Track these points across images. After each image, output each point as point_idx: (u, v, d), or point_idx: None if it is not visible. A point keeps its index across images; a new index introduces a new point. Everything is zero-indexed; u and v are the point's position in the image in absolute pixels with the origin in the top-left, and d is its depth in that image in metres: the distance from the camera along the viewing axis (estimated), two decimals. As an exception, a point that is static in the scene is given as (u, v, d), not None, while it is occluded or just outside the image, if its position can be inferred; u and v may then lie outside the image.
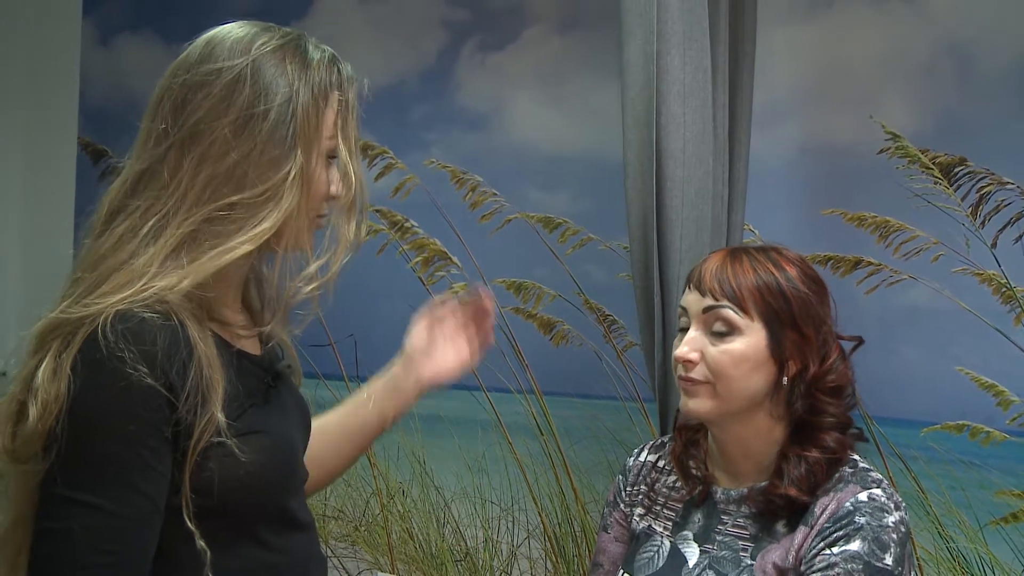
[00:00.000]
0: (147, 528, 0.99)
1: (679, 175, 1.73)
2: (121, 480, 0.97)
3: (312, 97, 1.10)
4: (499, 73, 2.73)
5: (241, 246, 1.05)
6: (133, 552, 0.98)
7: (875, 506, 1.25)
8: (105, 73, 3.45)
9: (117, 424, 0.97)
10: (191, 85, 1.11)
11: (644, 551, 1.43)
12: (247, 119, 1.07)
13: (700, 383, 1.32)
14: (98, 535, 0.96)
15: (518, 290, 2.66)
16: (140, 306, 1.00)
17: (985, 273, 2.00)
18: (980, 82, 2.03)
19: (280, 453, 1.11)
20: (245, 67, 1.10)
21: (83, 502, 0.96)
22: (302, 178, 1.09)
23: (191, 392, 0.99)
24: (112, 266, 1.03)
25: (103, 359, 0.96)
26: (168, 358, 0.99)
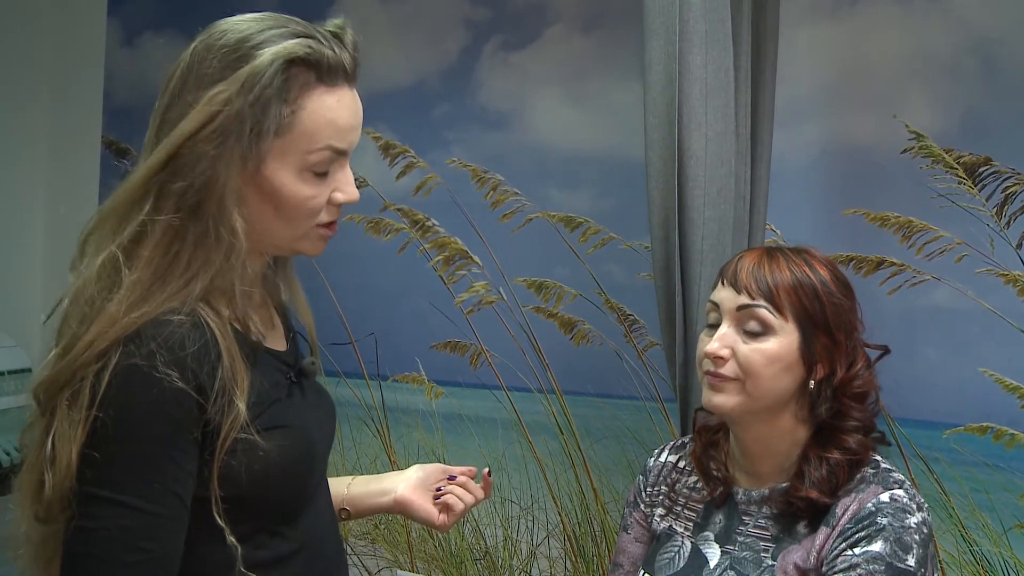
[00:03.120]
0: (178, 526, 1.01)
1: (701, 175, 1.72)
2: (154, 480, 0.99)
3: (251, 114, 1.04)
4: (521, 72, 2.74)
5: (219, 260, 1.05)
6: (166, 549, 1.00)
7: (897, 507, 1.25)
8: (129, 72, 3.47)
9: (150, 427, 0.98)
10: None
11: (665, 551, 1.42)
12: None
13: (728, 379, 1.31)
14: (133, 534, 0.97)
15: (539, 289, 2.66)
16: (167, 312, 1.01)
17: (1010, 274, 1.99)
18: (1005, 81, 2.02)
19: (300, 447, 1.12)
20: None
21: (118, 501, 0.98)
22: (246, 193, 1.07)
23: (219, 393, 1.01)
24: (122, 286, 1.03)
25: (135, 365, 0.98)
26: (198, 361, 1.00)
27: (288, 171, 1.07)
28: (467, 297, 2.69)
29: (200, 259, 1.04)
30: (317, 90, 1.07)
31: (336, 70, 1.09)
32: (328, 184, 1.10)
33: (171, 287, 1.03)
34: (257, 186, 1.07)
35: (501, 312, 2.66)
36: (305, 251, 1.14)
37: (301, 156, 1.07)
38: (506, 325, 2.64)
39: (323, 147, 1.07)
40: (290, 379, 1.16)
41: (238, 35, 1.05)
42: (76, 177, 3.51)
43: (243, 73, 1.02)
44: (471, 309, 2.67)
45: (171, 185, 1.04)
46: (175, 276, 1.03)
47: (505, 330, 2.63)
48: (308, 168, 1.07)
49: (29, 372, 3.19)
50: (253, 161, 1.04)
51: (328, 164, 1.09)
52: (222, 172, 1.03)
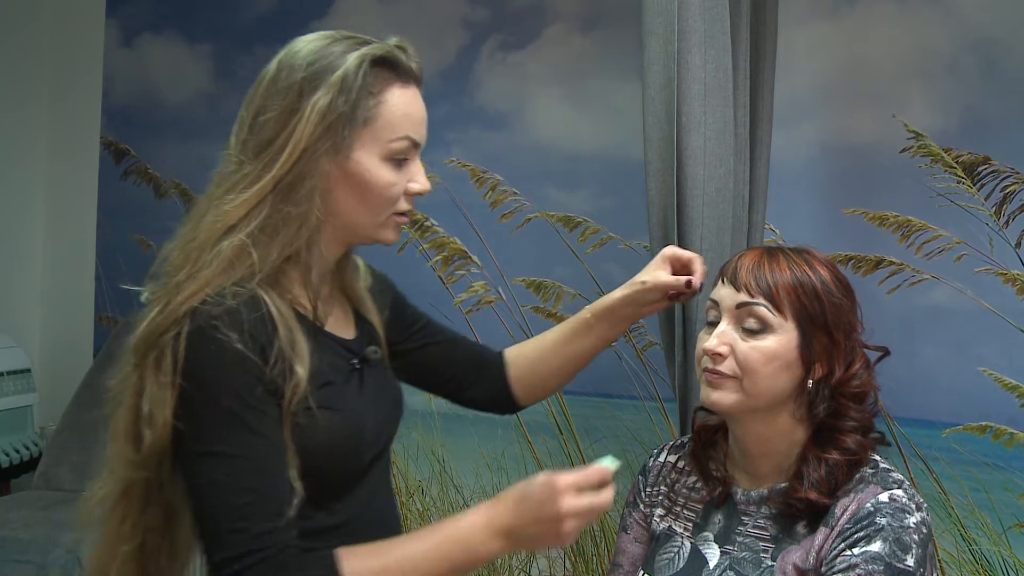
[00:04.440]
0: (275, 464, 1.13)
1: (700, 174, 1.72)
2: (242, 428, 1.11)
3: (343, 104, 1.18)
4: (520, 72, 2.74)
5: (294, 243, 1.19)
6: (271, 485, 1.12)
7: (896, 507, 1.25)
8: (128, 73, 3.47)
9: (225, 384, 1.11)
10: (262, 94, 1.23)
11: (664, 552, 1.42)
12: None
13: (727, 377, 1.31)
14: (238, 477, 1.10)
15: (538, 289, 2.66)
16: (233, 287, 1.14)
17: (1009, 273, 1.99)
18: (1004, 80, 2.02)
19: (348, 430, 1.21)
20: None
21: (218, 453, 1.10)
22: (334, 182, 1.20)
23: (277, 358, 1.13)
24: (197, 263, 1.16)
25: (202, 335, 1.11)
26: (254, 329, 1.13)
27: (373, 157, 1.20)
28: (466, 297, 2.69)
29: (282, 236, 1.17)
30: (395, 85, 1.22)
31: (408, 72, 1.23)
32: (405, 174, 1.23)
33: (248, 266, 1.16)
34: (345, 174, 1.20)
35: (500, 312, 2.66)
36: (384, 239, 1.26)
37: (384, 144, 1.20)
38: (505, 325, 2.64)
39: (402, 136, 1.21)
40: (353, 365, 1.27)
41: (321, 48, 1.20)
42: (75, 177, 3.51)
43: (337, 77, 1.17)
44: (470, 309, 2.68)
45: (285, 183, 1.18)
46: (256, 248, 1.16)
47: (504, 330, 2.63)
48: (390, 156, 1.21)
49: (28, 372, 3.19)
50: (344, 150, 1.18)
51: (406, 154, 1.22)
52: (319, 165, 1.18)
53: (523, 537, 1.12)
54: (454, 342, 1.55)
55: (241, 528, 1.09)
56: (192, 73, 3.36)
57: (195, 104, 3.37)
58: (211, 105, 3.36)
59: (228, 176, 1.21)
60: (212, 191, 1.22)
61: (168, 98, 3.40)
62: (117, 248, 3.53)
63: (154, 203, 3.46)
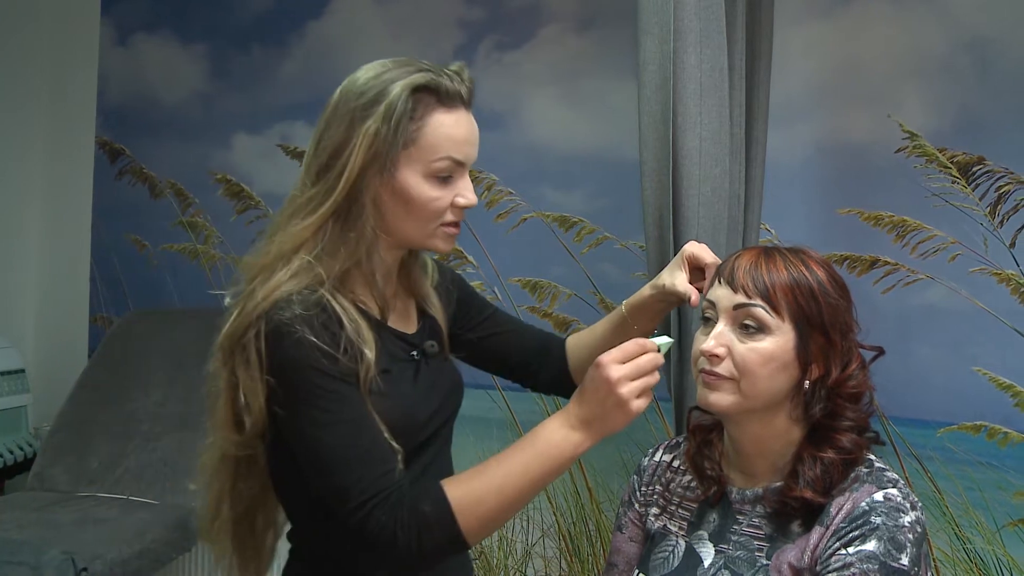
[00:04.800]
0: (371, 422, 1.28)
1: (695, 174, 1.72)
2: (334, 399, 1.26)
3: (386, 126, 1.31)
4: (515, 72, 2.74)
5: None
6: (374, 439, 1.27)
7: (891, 506, 1.25)
8: (123, 73, 3.47)
9: (308, 366, 1.25)
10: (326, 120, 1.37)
11: (659, 551, 1.42)
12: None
13: (724, 378, 1.31)
14: (345, 438, 1.26)
15: (534, 289, 2.66)
16: (302, 290, 1.29)
17: (1003, 273, 1.99)
18: (999, 80, 2.02)
19: (396, 414, 1.32)
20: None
21: (320, 423, 1.26)
22: (385, 199, 1.33)
23: (347, 346, 1.28)
24: (270, 268, 1.32)
25: (278, 332, 1.25)
26: (321, 323, 1.27)
27: (416, 176, 1.32)
28: (462, 297, 2.68)
29: (343, 252, 1.32)
30: (438, 111, 1.33)
31: (454, 96, 1.34)
32: (451, 189, 1.35)
33: (315, 272, 1.30)
34: (392, 190, 1.32)
35: (496, 312, 2.66)
36: (435, 247, 1.39)
37: (426, 164, 1.32)
38: (501, 325, 2.63)
39: (443, 156, 1.33)
40: (412, 356, 1.41)
41: (372, 78, 1.33)
42: (70, 177, 3.50)
43: (383, 106, 1.30)
44: (466, 309, 2.67)
45: (343, 208, 1.32)
46: (323, 257, 1.31)
47: (500, 330, 2.63)
48: (432, 174, 1.33)
49: (22, 373, 3.18)
50: (389, 170, 1.31)
51: (449, 171, 1.34)
52: (371, 187, 1.32)
53: (595, 420, 1.25)
54: (519, 331, 1.68)
55: (358, 477, 1.24)
56: (187, 73, 3.36)
57: (190, 104, 3.36)
58: (206, 105, 3.36)
59: (296, 198, 1.35)
60: (284, 209, 1.36)
61: (163, 98, 3.40)
62: (112, 248, 3.52)
63: (149, 203, 3.45)
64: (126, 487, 2.73)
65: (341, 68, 3.04)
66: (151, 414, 2.89)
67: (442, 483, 1.26)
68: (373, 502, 1.23)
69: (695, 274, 1.49)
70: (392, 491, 1.25)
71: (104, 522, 2.48)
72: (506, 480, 1.25)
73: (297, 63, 3.16)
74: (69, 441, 2.88)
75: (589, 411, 1.25)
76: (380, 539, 1.24)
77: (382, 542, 1.24)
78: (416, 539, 1.23)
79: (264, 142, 3.24)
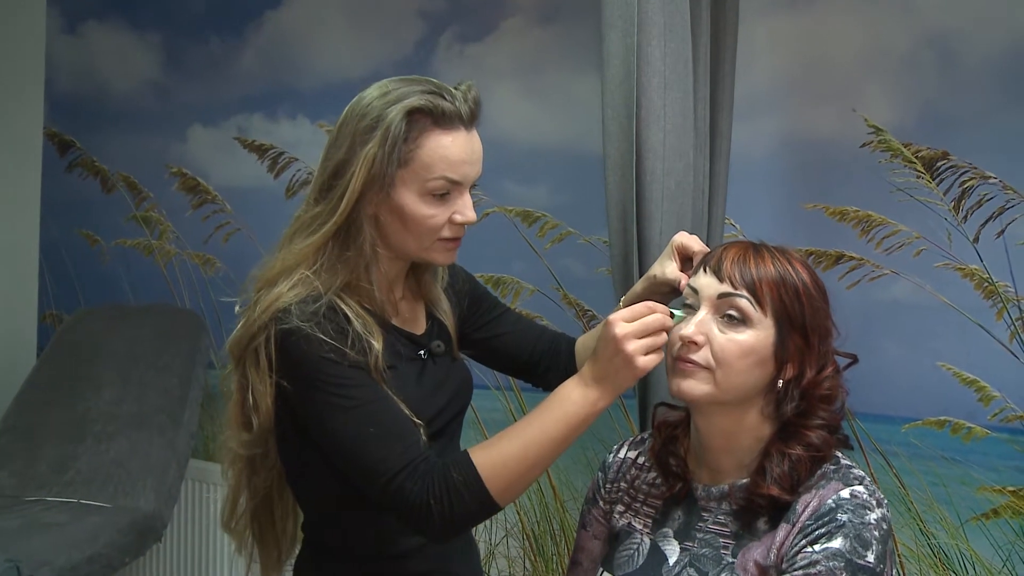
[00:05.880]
0: (389, 402, 1.37)
1: (659, 168, 1.73)
2: (348, 386, 1.34)
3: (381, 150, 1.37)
4: (477, 64, 2.73)
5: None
6: (395, 417, 1.36)
7: (857, 503, 1.26)
8: (72, 61, 3.41)
9: (318, 361, 1.34)
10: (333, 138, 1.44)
11: (624, 549, 1.43)
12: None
13: (700, 367, 1.32)
14: (365, 420, 1.34)
15: (496, 285, 2.66)
16: (309, 295, 1.37)
17: (967, 268, 2.01)
18: (963, 75, 2.04)
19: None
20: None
21: (338, 411, 1.34)
22: (383, 216, 1.41)
23: (355, 339, 1.36)
24: (273, 282, 1.41)
25: (287, 333, 1.34)
26: (328, 320, 1.35)
27: (412, 194, 1.39)
28: (423, 293, 2.67)
29: (343, 263, 1.41)
30: (434, 132, 1.38)
31: (452, 116, 1.39)
32: (448, 207, 1.41)
33: (317, 281, 1.38)
34: (390, 208, 1.40)
35: (458, 308, 2.65)
36: (435, 260, 1.48)
37: (421, 183, 1.39)
38: (463, 321, 2.63)
39: (438, 176, 1.39)
40: (419, 356, 1.50)
41: (374, 100, 1.39)
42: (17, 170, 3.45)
43: (380, 129, 1.36)
44: (427, 305, 2.66)
45: (343, 229, 1.41)
46: (322, 273, 1.39)
47: (462, 326, 2.62)
48: (428, 192, 1.39)
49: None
50: (387, 189, 1.38)
51: (445, 190, 1.40)
52: (371, 205, 1.40)
53: (607, 377, 1.30)
54: (528, 331, 1.74)
55: (384, 456, 1.31)
56: (140, 62, 3.32)
57: (144, 95, 3.32)
58: (161, 96, 3.32)
59: (300, 216, 1.44)
60: (291, 224, 1.45)
61: (115, 88, 3.35)
62: (62, 243, 3.47)
63: (101, 197, 3.41)
64: (77, 490, 2.69)
65: (300, 59, 3.03)
66: (104, 414, 2.86)
67: (467, 450, 1.32)
68: (403, 475, 1.30)
69: (685, 264, 1.50)
70: (420, 462, 1.31)
71: (53, 527, 2.44)
72: (529, 441, 1.31)
73: (255, 54, 3.13)
74: (16, 444, 2.84)
75: (601, 369, 1.31)
76: (415, 511, 1.30)
77: (417, 513, 1.30)
78: (448, 507, 1.29)
79: (221, 135, 3.21)
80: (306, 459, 1.45)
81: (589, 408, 1.31)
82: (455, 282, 1.66)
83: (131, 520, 2.55)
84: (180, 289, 3.23)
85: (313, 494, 1.50)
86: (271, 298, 1.38)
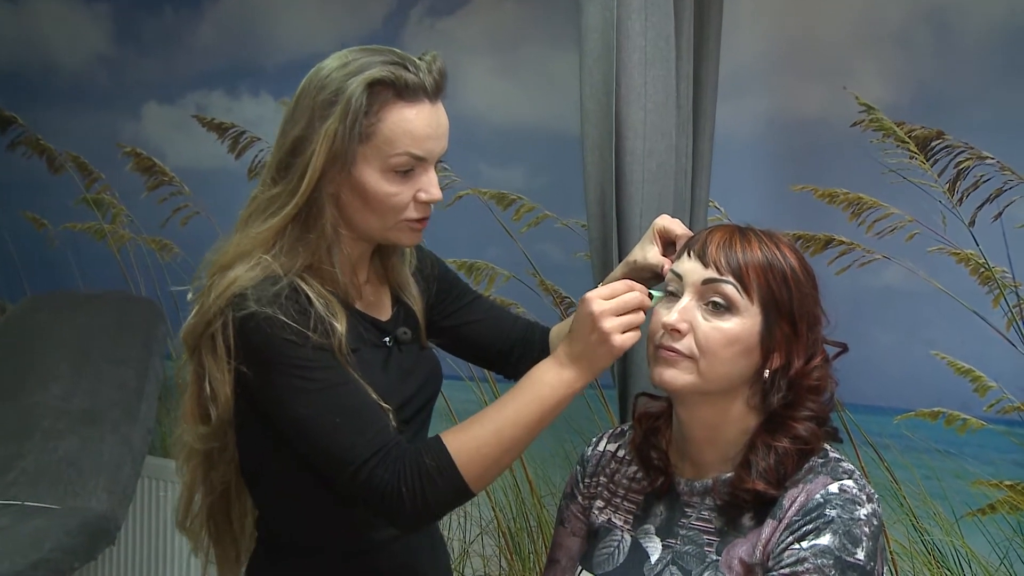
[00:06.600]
0: (355, 385, 1.36)
1: (640, 148, 1.73)
2: (311, 370, 1.33)
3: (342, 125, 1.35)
4: (449, 39, 2.72)
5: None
6: (362, 401, 1.35)
7: (846, 498, 1.27)
8: (13, 33, 3.37)
9: (279, 345, 1.32)
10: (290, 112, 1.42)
11: (603, 546, 1.43)
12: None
13: (683, 356, 1.32)
14: (331, 405, 1.33)
15: (470, 271, 2.66)
16: (267, 278, 1.36)
17: (962, 252, 2.03)
18: (958, 51, 2.05)
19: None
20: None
21: (303, 396, 1.33)
22: (344, 195, 1.39)
23: (317, 321, 1.34)
24: (228, 266, 1.39)
25: (246, 318, 1.32)
26: (289, 301, 1.34)
27: (374, 171, 1.37)
28: (392, 280, 2.67)
29: (304, 245, 1.39)
30: (396, 105, 1.37)
31: (416, 89, 1.37)
32: (412, 184, 1.40)
33: (276, 265, 1.37)
34: (351, 186, 1.38)
35: (429, 296, 2.65)
36: (399, 242, 1.47)
37: (384, 159, 1.37)
38: (435, 310, 2.62)
39: (402, 152, 1.37)
40: (384, 343, 1.49)
41: (332, 73, 1.37)
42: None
43: (341, 104, 1.34)
44: (397, 293, 2.66)
45: (304, 211, 1.39)
46: (281, 256, 1.38)
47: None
48: (390, 169, 1.38)
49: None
50: (348, 166, 1.36)
51: (409, 167, 1.38)
52: (332, 185, 1.38)
53: (582, 356, 1.32)
54: (501, 319, 1.74)
55: (352, 442, 1.31)
56: (89, 35, 3.29)
57: (93, 69, 3.29)
58: (112, 71, 3.29)
59: (257, 196, 1.42)
60: (247, 205, 1.43)
61: (62, 62, 3.32)
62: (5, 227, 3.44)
63: (48, 178, 3.38)
64: (20, 492, 2.67)
65: (263, 32, 3.01)
66: (52, 409, 2.83)
67: (440, 435, 1.32)
68: (373, 461, 1.30)
69: (667, 248, 1.50)
70: (391, 447, 1.31)
71: (-8, 532, 2.42)
72: (503, 424, 1.31)
73: (214, 26, 3.10)
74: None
75: (577, 348, 1.32)
76: (386, 498, 1.30)
77: (388, 501, 1.30)
78: (421, 493, 1.29)
79: (178, 112, 3.19)
80: (266, 450, 1.44)
81: (564, 389, 1.32)
82: (423, 267, 1.65)
83: (81, 522, 2.53)
84: (135, 275, 3.20)
85: (273, 488, 1.48)
86: (227, 282, 1.36)
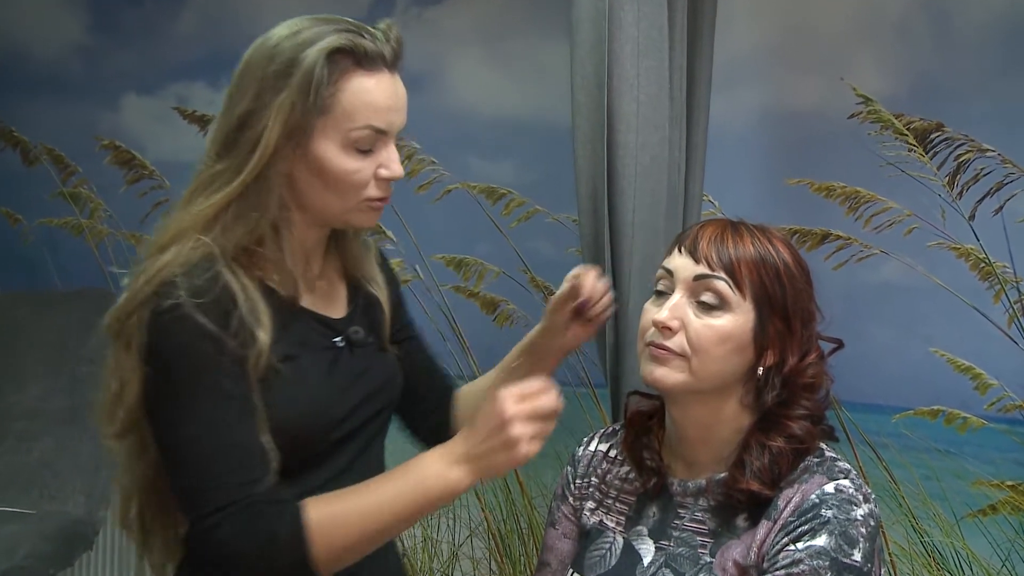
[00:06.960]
0: (243, 426, 1.26)
1: (632, 141, 1.73)
2: (207, 394, 1.25)
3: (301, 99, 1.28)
4: (437, 29, 2.72)
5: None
6: (240, 446, 1.26)
7: (843, 498, 1.27)
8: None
9: (188, 356, 1.25)
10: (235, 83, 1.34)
11: (595, 548, 1.43)
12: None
13: (674, 354, 1.32)
14: (206, 442, 1.24)
15: (459, 267, 2.66)
16: (194, 268, 1.27)
17: (962, 247, 2.04)
18: (958, 42, 2.06)
19: (294, 411, 1.32)
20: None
21: (187, 420, 1.25)
22: (299, 172, 1.32)
23: (239, 327, 1.26)
24: (165, 248, 1.31)
25: (163, 315, 1.24)
26: (213, 300, 1.25)
27: (333, 146, 1.31)
28: (379, 276, 2.67)
29: (245, 226, 1.31)
30: (356, 74, 1.30)
31: (375, 58, 1.31)
32: (373, 160, 1.33)
33: (207, 254, 1.28)
34: (307, 163, 1.31)
35: (417, 292, 2.66)
36: (358, 223, 1.39)
37: (344, 133, 1.30)
38: (423, 306, 2.63)
39: (363, 125, 1.31)
40: (334, 344, 1.40)
41: (289, 39, 1.30)
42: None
43: (297, 76, 1.28)
44: (384, 290, 2.66)
45: (252, 187, 1.31)
46: (219, 239, 1.30)
47: (422, 311, 2.63)
48: (351, 144, 1.31)
49: None
50: (305, 141, 1.29)
51: (370, 142, 1.32)
52: (285, 161, 1.31)
53: (480, 457, 1.24)
54: (430, 371, 1.64)
55: (211, 487, 1.24)
56: (65, 23, 3.27)
57: (69, 59, 3.28)
58: (89, 61, 3.28)
59: (201, 172, 1.33)
60: (191, 185, 1.34)
61: (36, 52, 3.30)
62: (-23, 222, 3.43)
63: (22, 171, 3.36)
64: (-8, 496, 2.66)
65: (245, 21, 3.01)
66: (28, 410, 2.82)
67: (304, 502, 1.25)
68: (222, 514, 1.23)
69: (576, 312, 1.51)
70: (243, 507, 1.24)
71: (-39, 540, 2.41)
72: (371, 509, 1.25)
73: (195, 15, 3.10)
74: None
75: (475, 446, 1.24)
76: (220, 552, 1.24)
77: (222, 556, 1.25)
78: (259, 558, 1.23)
79: (158, 104, 3.18)
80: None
81: (443, 488, 1.24)
82: (386, 271, 1.57)
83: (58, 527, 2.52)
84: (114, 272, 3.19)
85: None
86: (157, 267, 1.28)
